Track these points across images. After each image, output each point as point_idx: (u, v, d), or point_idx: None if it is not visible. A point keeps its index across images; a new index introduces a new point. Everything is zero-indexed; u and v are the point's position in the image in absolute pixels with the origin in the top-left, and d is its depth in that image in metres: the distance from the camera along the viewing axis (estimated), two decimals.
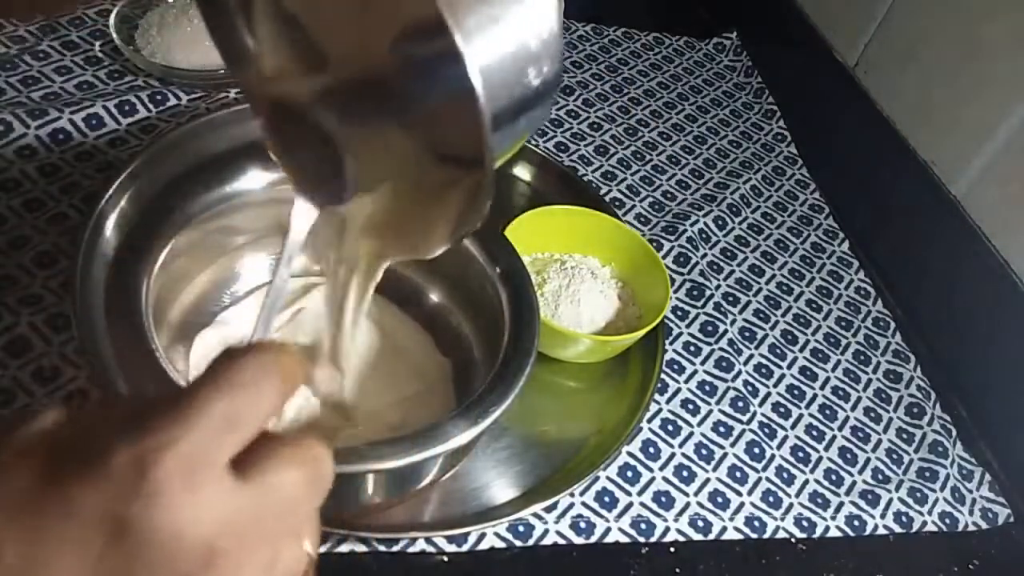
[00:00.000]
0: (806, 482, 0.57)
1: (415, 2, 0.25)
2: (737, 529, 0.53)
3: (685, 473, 0.55)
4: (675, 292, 0.66)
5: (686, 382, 0.60)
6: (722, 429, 0.58)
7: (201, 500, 0.22)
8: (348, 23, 0.29)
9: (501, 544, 0.49)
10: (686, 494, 0.54)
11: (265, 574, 0.24)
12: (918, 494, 0.58)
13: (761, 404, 0.61)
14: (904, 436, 0.62)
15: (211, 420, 0.23)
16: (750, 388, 0.61)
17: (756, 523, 0.54)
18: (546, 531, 0.50)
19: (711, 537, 0.53)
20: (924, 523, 0.57)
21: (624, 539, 0.51)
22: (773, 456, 0.58)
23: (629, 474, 0.54)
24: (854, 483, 0.58)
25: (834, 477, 0.58)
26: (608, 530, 0.51)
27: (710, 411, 0.59)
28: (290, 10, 0.30)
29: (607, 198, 0.71)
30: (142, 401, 0.24)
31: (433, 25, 0.23)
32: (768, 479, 0.56)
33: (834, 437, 0.60)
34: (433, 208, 0.31)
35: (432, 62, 0.26)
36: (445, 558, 0.47)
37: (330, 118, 0.32)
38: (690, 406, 0.59)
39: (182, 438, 0.22)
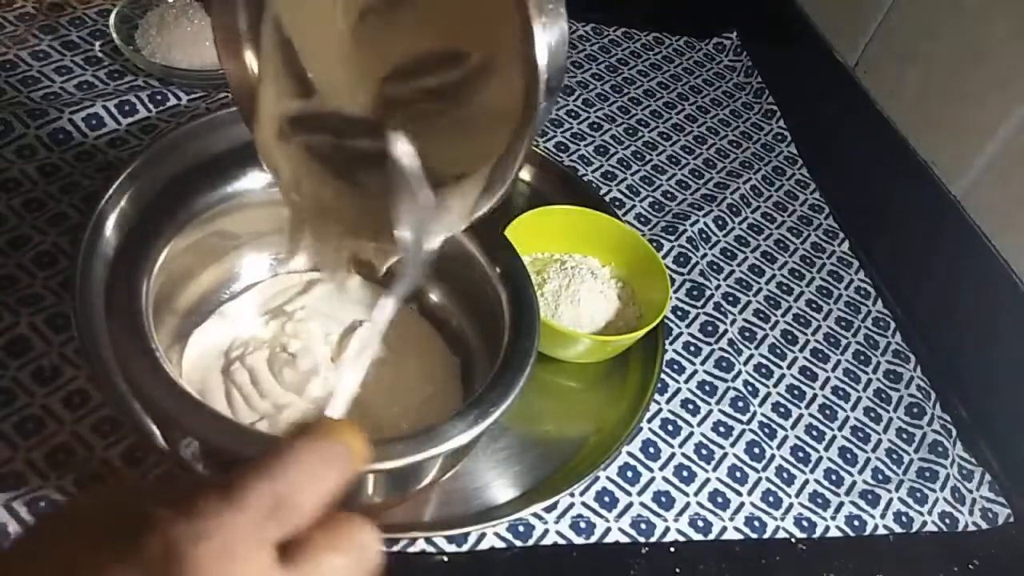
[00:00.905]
0: (806, 482, 0.57)
1: None
2: (737, 529, 0.53)
3: (685, 473, 0.55)
4: (675, 292, 0.66)
5: (686, 382, 0.60)
6: (722, 429, 0.58)
7: None
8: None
9: (501, 544, 0.49)
10: (686, 494, 0.54)
11: None
12: (918, 494, 0.58)
13: (761, 404, 0.61)
14: (904, 436, 0.62)
15: (259, 507, 0.23)
16: (750, 388, 0.61)
17: (756, 523, 0.54)
18: (546, 531, 0.50)
19: (711, 537, 0.53)
20: (924, 523, 0.57)
21: (624, 539, 0.51)
22: (773, 456, 0.58)
23: (629, 474, 0.54)
24: (854, 483, 0.58)
25: (834, 477, 0.58)
26: (608, 530, 0.51)
27: (710, 411, 0.59)
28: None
29: (607, 198, 0.71)
30: (195, 481, 0.24)
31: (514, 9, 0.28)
32: (768, 479, 0.56)
33: (834, 437, 0.60)
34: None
35: (506, 42, 0.31)
36: (445, 558, 0.47)
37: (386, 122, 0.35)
38: (690, 406, 0.59)
39: (222, 526, 0.22)
